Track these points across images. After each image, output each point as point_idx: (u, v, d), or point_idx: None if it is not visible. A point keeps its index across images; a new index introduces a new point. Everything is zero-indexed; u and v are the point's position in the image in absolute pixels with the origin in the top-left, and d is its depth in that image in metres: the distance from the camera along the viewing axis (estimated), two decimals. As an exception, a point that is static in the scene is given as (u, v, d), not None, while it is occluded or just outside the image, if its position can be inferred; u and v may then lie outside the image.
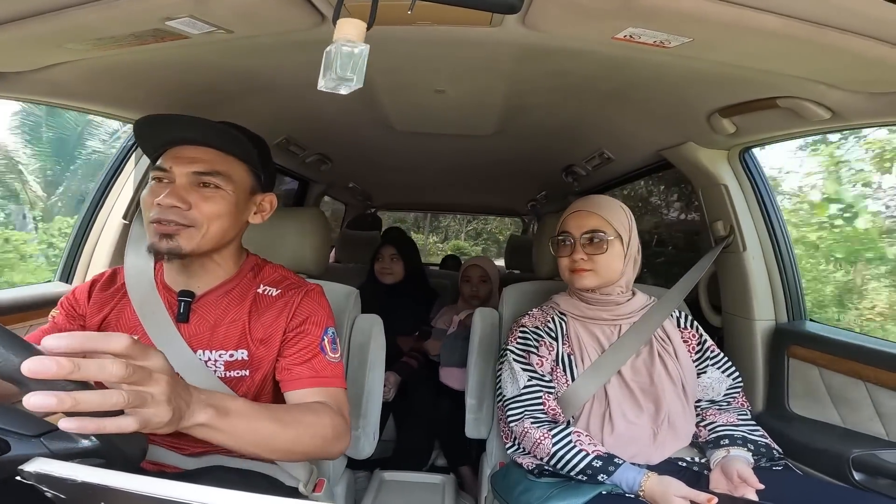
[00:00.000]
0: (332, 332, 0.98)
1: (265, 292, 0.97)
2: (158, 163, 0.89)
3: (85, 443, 0.57)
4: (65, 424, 0.51)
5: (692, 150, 1.46)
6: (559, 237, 1.21)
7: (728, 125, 1.25)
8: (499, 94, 1.38)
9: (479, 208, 5.14)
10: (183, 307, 0.93)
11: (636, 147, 1.73)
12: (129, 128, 1.50)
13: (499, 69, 1.18)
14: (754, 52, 0.86)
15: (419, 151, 2.26)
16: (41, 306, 1.35)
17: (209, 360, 0.92)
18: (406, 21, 0.83)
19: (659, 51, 0.88)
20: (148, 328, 0.91)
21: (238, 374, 0.93)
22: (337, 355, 0.96)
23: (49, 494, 0.50)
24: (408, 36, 0.98)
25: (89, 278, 1.09)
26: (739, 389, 1.21)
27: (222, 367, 0.93)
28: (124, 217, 1.50)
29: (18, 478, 0.51)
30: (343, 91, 0.70)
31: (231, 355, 0.93)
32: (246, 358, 0.93)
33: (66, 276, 1.50)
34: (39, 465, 0.52)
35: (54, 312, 0.99)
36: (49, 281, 1.52)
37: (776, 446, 1.10)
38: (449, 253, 7.75)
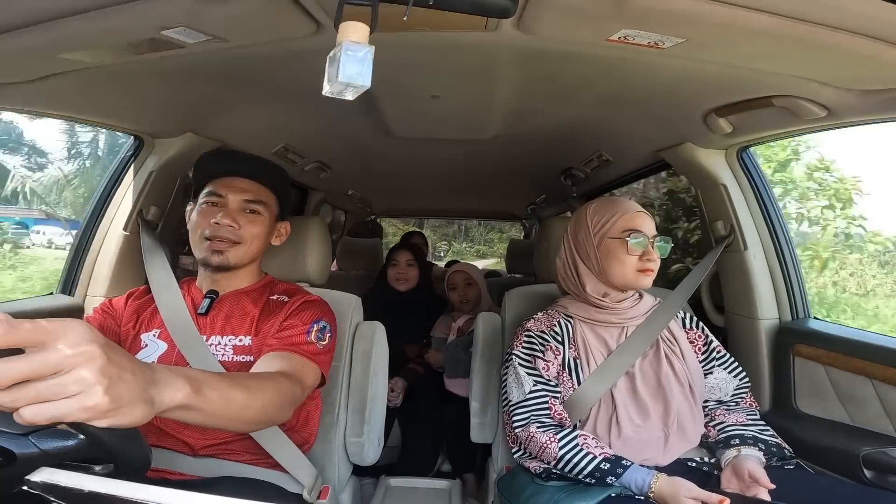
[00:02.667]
0: (325, 326, 1.06)
1: (278, 299, 1.12)
2: (213, 189, 1.08)
3: (74, 441, 0.56)
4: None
5: (690, 151, 1.47)
6: (633, 235, 1.13)
7: (724, 125, 1.25)
8: (495, 99, 1.39)
9: (478, 213, 5.15)
10: (208, 303, 1.09)
11: (634, 148, 1.73)
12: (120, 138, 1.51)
13: (495, 73, 1.19)
14: (748, 51, 0.86)
15: (417, 157, 2.26)
16: (44, 318, 1.35)
17: (219, 343, 1.05)
18: (402, 27, 0.84)
19: (653, 52, 0.88)
20: (168, 322, 1.05)
21: (244, 358, 1.04)
22: (322, 343, 1.03)
23: None
24: (404, 42, 0.98)
25: (101, 291, 1.43)
26: (747, 389, 1.21)
27: (231, 351, 1.05)
28: (124, 228, 1.50)
29: (25, 488, 0.50)
30: (349, 96, 0.70)
31: (240, 340, 1.06)
32: (250, 344, 1.05)
33: (68, 288, 1.50)
34: (46, 475, 0.52)
35: (88, 315, 1.13)
36: (51, 294, 1.52)
37: (786, 445, 1.10)
38: (451, 259, 7.80)
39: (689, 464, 1.10)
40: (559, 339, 1.18)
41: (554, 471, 1.06)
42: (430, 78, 1.24)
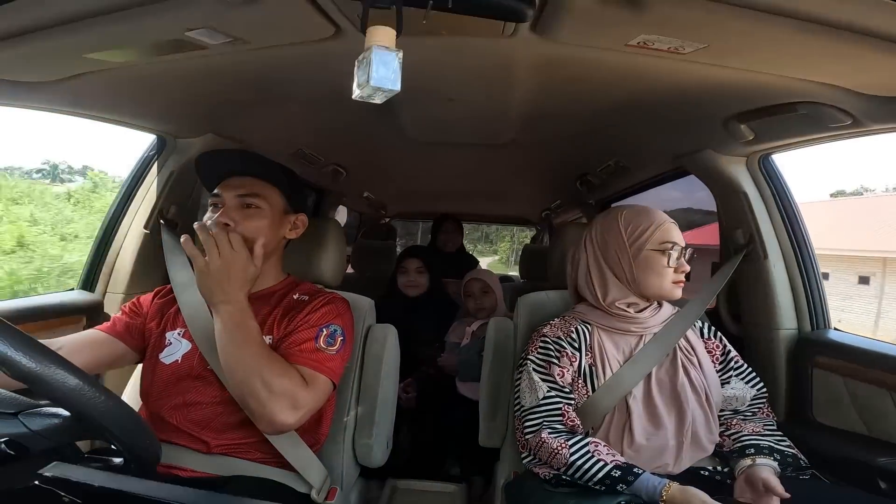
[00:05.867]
0: (335, 329, 1.06)
1: (299, 298, 1.13)
2: (214, 191, 1.10)
3: (59, 420, 0.57)
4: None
5: (710, 158, 1.45)
6: (668, 247, 1.13)
7: (746, 131, 1.23)
8: (512, 104, 1.38)
9: (493, 218, 5.12)
10: None
11: (652, 155, 1.71)
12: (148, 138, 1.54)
13: (512, 78, 1.18)
14: (771, 57, 0.85)
15: (433, 161, 2.27)
16: (65, 314, 1.38)
17: None
18: (420, 31, 0.84)
19: (674, 57, 0.87)
20: (189, 323, 1.08)
21: None
22: (331, 349, 1.03)
23: (66, 499, 0.51)
24: (421, 45, 0.98)
25: (121, 288, 1.49)
26: (764, 400, 1.19)
27: None
28: (145, 227, 1.52)
29: (37, 482, 0.51)
30: (378, 100, 0.71)
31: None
32: (272, 342, 1.05)
33: (89, 284, 1.53)
34: (58, 470, 0.53)
35: (116, 314, 1.16)
36: (72, 289, 1.56)
37: (802, 456, 1.08)
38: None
39: (702, 472, 1.09)
40: (575, 345, 1.17)
41: (563, 477, 1.05)
42: (447, 82, 1.24)
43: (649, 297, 1.17)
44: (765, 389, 1.19)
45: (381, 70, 0.66)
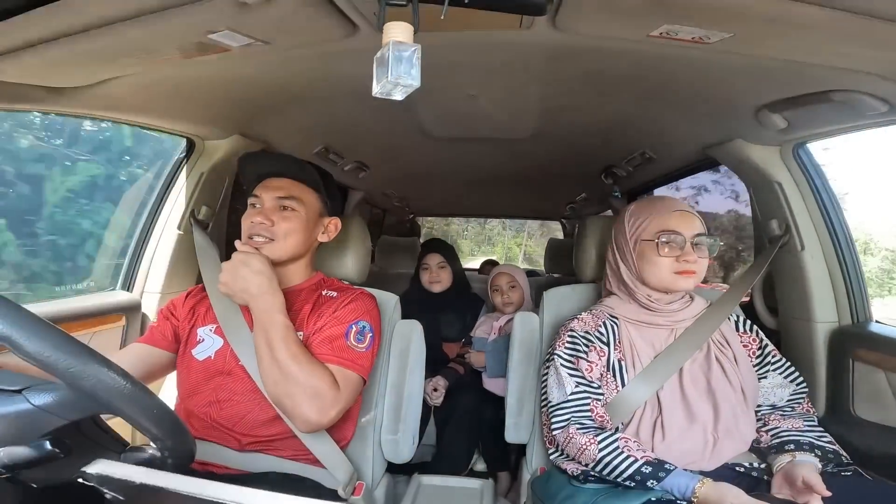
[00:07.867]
0: (364, 326, 1.08)
1: (327, 294, 1.17)
2: (254, 192, 1.15)
3: (60, 393, 0.57)
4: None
5: (741, 147, 1.40)
6: (665, 236, 1.11)
7: (779, 120, 1.19)
8: (533, 97, 1.37)
9: (517, 212, 5.08)
10: None
11: (679, 146, 1.67)
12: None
13: (531, 72, 1.17)
14: (801, 46, 0.82)
15: (455, 156, 2.26)
16: (104, 314, 1.44)
17: None
18: (438, 27, 0.84)
19: (699, 47, 0.85)
20: (220, 317, 1.11)
21: None
22: (361, 345, 1.07)
23: (108, 496, 0.53)
24: (439, 42, 0.98)
25: (157, 287, 1.57)
26: (803, 395, 1.15)
27: None
28: (178, 227, 1.57)
29: (80, 480, 0.54)
30: (398, 96, 0.71)
31: None
32: (301, 338, 1.06)
33: (127, 284, 1.59)
34: (101, 468, 0.55)
35: (153, 322, 1.20)
36: (112, 290, 1.62)
37: (844, 452, 1.04)
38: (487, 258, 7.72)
39: (738, 469, 1.06)
40: (604, 339, 1.16)
41: (592, 473, 1.04)
42: (467, 77, 1.24)
43: (654, 288, 1.15)
44: (804, 384, 1.15)
45: (399, 65, 0.67)
